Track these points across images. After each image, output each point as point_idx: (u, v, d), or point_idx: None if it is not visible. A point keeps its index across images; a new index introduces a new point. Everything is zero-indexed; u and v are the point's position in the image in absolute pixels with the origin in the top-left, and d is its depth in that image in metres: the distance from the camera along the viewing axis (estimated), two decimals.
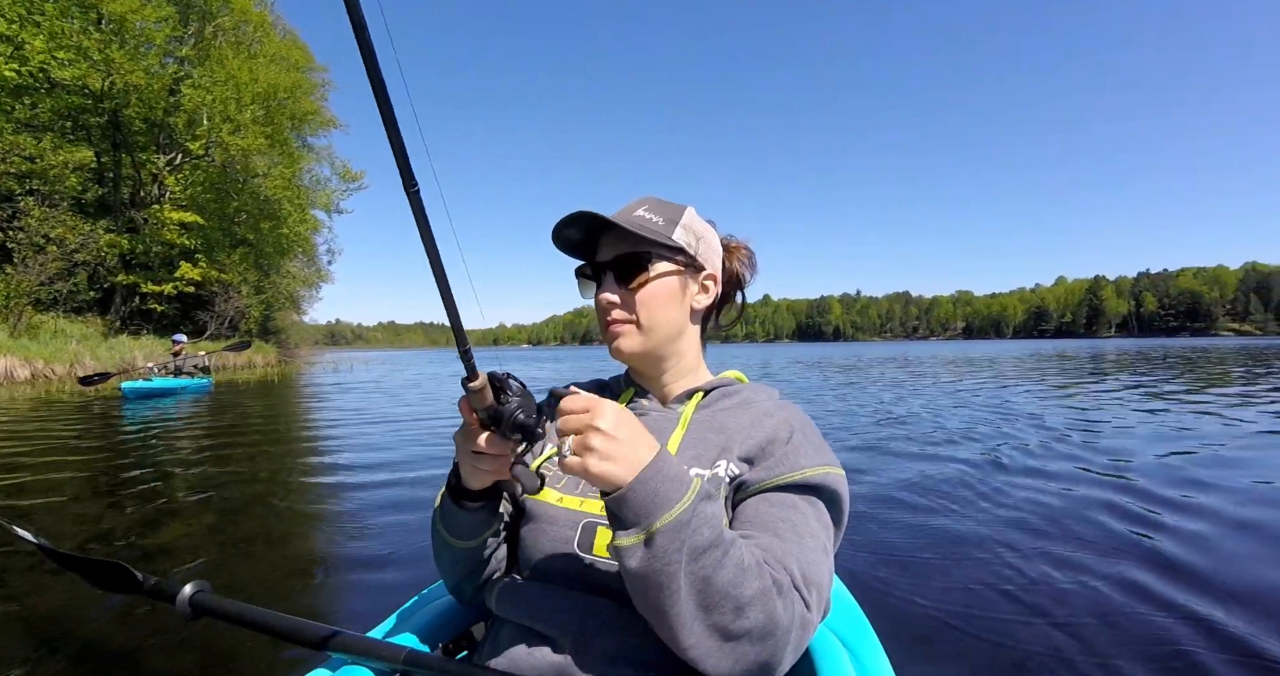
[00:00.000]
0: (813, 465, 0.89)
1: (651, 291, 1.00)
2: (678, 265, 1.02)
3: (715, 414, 1.02)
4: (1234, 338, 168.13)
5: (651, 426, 0.99)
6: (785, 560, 0.78)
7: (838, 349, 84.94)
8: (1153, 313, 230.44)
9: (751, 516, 0.86)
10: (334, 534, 3.45)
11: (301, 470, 5.30)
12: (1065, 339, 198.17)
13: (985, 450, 5.58)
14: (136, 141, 25.99)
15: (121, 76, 21.54)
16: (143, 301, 25.70)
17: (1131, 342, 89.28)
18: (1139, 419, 7.64)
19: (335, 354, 58.27)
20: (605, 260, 1.02)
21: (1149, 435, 6.39)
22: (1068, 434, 6.42)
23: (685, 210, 1.06)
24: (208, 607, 1.06)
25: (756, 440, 0.94)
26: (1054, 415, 7.99)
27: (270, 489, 4.51)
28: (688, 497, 0.71)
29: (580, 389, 1.09)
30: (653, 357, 1.05)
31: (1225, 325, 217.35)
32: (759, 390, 1.08)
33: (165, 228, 25.02)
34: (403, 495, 4.24)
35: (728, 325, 1.19)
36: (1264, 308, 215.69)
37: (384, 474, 4.95)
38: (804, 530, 0.83)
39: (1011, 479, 4.47)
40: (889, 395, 11.46)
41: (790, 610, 0.73)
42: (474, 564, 1.01)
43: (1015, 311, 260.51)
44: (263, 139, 26.75)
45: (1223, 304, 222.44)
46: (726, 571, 0.70)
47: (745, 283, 1.17)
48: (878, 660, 1.04)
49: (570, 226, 1.01)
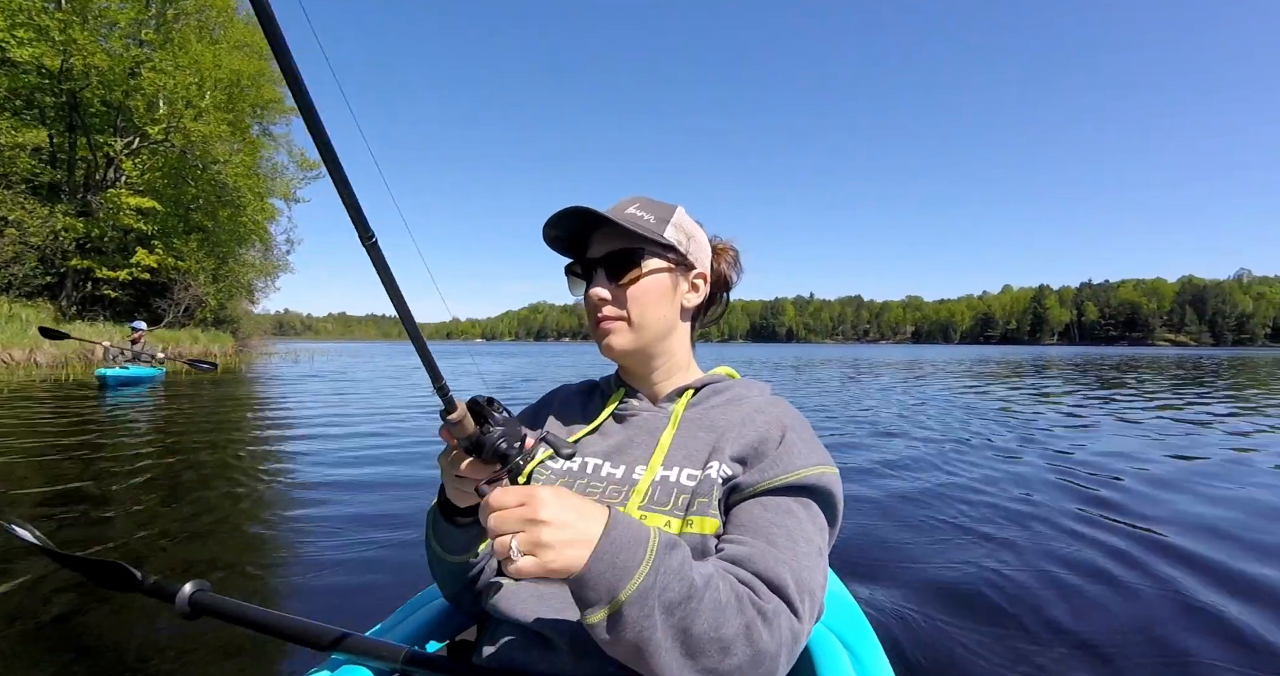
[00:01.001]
0: (806, 465, 0.89)
1: (643, 288, 1.01)
2: (669, 263, 1.03)
3: (706, 411, 1.03)
4: (1170, 347, 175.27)
5: (642, 425, 1.04)
6: (778, 568, 0.78)
7: (790, 350, 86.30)
8: (1094, 321, 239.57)
9: (745, 521, 0.86)
10: (333, 533, 3.40)
11: (295, 470, 5.16)
12: (1010, 345, 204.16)
13: (976, 448, 5.87)
14: (93, 124, 25.44)
15: (83, 57, 21.12)
16: (96, 287, 25.16)
17: (1073, 350, 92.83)
18: (1130, 427, 7.97)
19: (287, 344, 56.98)
20: (596, 256, 1.02)
21: (1142, 438, 6.84)
22: (1053, 438, 6.80)
23: (676, 209, 1.06)
24: (207, 607, 1.05)
25: (748, 439, 0.93)
26: (1045, 420, 8.46)
27: (266, 486, 4.49)
28: (648, 558, 0.68)
29: (572, 390, 1.18)
30: (643, 355, 1.05)
31: (1162, 335, 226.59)
32: (750, 386, 1.08)
33: (121, 212, 24.51)
34: (402, 495, 4.22)
35: (709, 323, 1.19)
36: (1199, 319, 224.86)
37: (383, 473, 4.95)
38: (798, 534, 0.83)
39: (1008, 479, 4.67)
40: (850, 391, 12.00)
41: (777, 635, 0.73)
42: (469, 576, 1.02)
43: (963, 317, 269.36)
44: (225, 126, 26.37)
45: (1160, 315, 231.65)
46: (704, 618, 0.69)
47: (732, 283, 1.18)
48: (878, 660, 1.05)
49: (561, 223, 1.01)
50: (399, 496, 4.17)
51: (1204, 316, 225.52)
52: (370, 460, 5.48)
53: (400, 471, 5.00)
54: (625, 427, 1.05)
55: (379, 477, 4.76)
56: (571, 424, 1.11)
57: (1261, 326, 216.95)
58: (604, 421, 1.08)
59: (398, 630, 1.09)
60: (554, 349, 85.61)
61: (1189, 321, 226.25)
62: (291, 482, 4.63)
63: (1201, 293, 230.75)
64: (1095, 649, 2.16)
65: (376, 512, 3.77)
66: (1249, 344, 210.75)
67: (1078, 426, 7.87)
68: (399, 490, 4.36)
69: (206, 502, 3.99)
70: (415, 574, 2.71)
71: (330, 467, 5.16)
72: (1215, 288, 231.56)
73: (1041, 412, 9.32)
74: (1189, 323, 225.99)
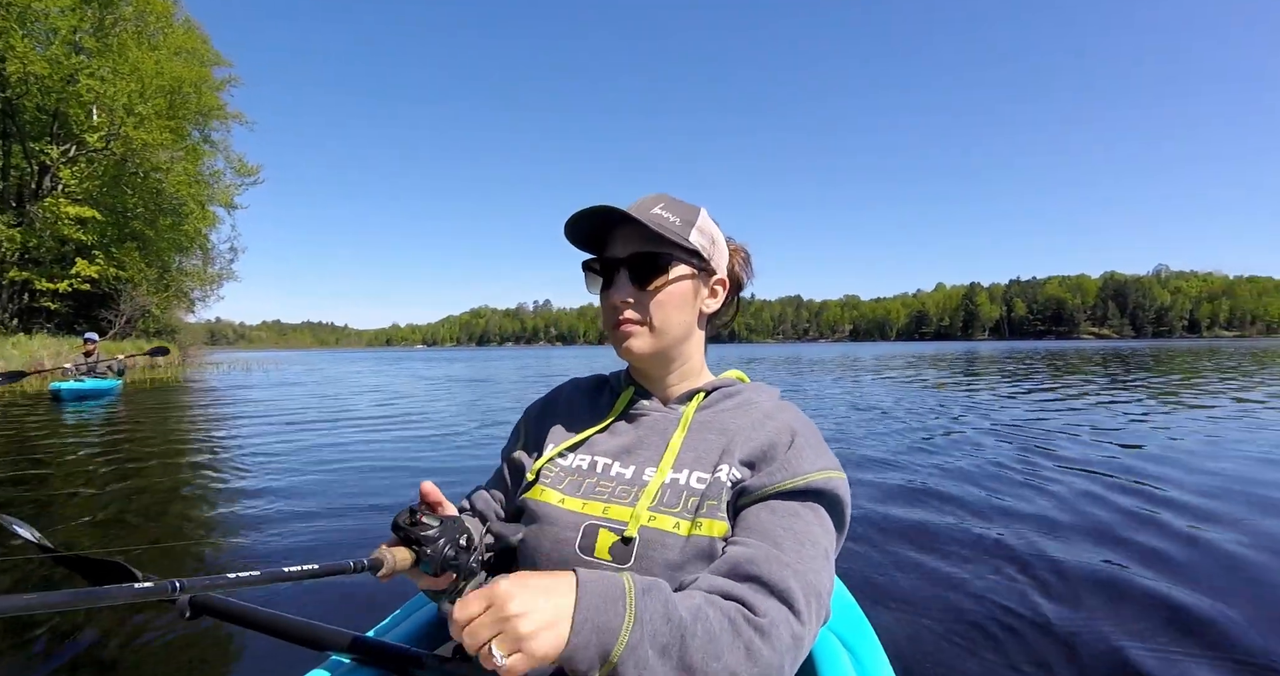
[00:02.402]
0: (815, 470, 0.89)
1: (668, 294, 1.00)
2: (693, 268, 1.02)
3: (716, 414, 1.03)
4: (1095, 340, 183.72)
5: (652, 426, 1.04)
6: (782, 572, 0.78)
7: (734, 350, 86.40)
8: (1022, 317, 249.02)
9: (753, 524, 0.87)
10: (333, 533, 3.48)
11: (296, 468, 5.29)
12: (943, 341, 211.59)
13: (969, 452, 5.91)
14: (29, 131, 24.86)
15: (21, 65, 20.73)
16: (33, 299, 24.58)
17: (1004, 345, 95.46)
18: (1123, 420, 8.34)
19: (225, 354, 55.31)
20: (620, 257, 1.01)
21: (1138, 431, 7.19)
22: (1050, 438, 6.78)
23: (700, 211, 1.05)
24: (207, 607, 1.05)
25: (758, 443, 0.94)
26: (1033, 417, 8.69)
27: (264, 485, 4.60)
28: (629, 612, 0.67)
29: (581, 385, 1.18)
30: (661, 359, 1.05)
31: (1086, 329, 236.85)
32: (760, 390, 1.08)
33: (60, 222, 24.00)
34: (402, 495, 4.28)
35: (722, 326, 1.19)
36: (1120, 313, 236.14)
37: (383, 472, 5.12)
38: (805, 538, 0.84)
39: (1001, 477, 4.77)
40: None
41: (779, 646, 0.73)
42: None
43: (898, 315, 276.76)
44: (167, 133, 26.03)
45: (1084, 309, 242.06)
46: (700, 651, 0.68)
47: (743, 285, 1.17)
48: (878, 660, 1.05)
49: (586, 219, 0.99)
50: (398, 496, 4.31)
51: (1125, 310, 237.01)
52: (369, 459, 5.68)
53: (400, 470, 5.23)
54: (635, 427, 1.05)
55: (378, 477, 4.96)
56: (579, 420, 1.11)
57: (1178, 319, 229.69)
58: (614, 420, 1.09)
59: (398, 630, 1.10)
60: (499, 354, 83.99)
61: (1111, 315, 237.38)
62: (291, 482, 4.77)
63: (1123, 288, 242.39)
64: (1096, 649, 2.18)
65: (376, 513, 3.89)
66: (1167, 336, 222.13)
67: (1076, 421, 8.22)
68: (399, 489, 4.51)
69: (207, 501, 4.15)
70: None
71: (331, 466, 5.36)
72: (1136, 283, 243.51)
73: (1011, 405, 9.94)
74: (1111, 316, 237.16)
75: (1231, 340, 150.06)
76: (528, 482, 1.04)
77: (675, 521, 0.90)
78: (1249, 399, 10.40)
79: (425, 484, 0.92)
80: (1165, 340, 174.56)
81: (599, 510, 0.95)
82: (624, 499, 0.95)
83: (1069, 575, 2.82)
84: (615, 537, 0.91)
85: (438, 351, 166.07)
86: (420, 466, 5.52)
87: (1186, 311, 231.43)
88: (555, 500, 0.98)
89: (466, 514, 1.13)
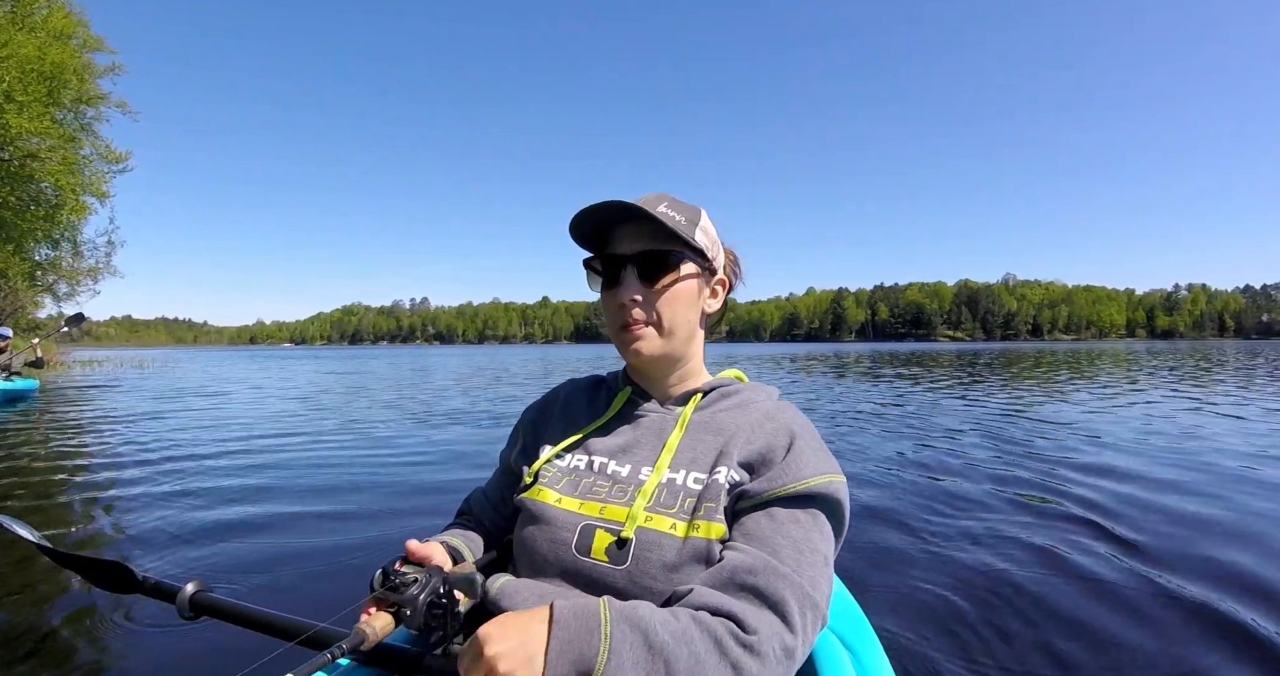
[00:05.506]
0: (814, 474, 0.88)
1: (675, 293, 1.00)
2: (698, 268, 1.03)
3: (714, 415, 1.03)
4: (950, 343, 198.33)
5: (650, 426, 1.05)
6: (777, 582, 0.78)
7: (611, 349, 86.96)
8: (885, 320, 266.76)
9: (752, 530, 0.86)
10: (333, 533, 3.49)
11: (296, 471, 5.22)
12: (814, 343, 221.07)
13: (953, 450, 5.99)
14: None
15: None
16: None
17: (868, 346, 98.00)
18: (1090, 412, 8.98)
19: (79, 352, 50.81)
20: (628, 254, 1.00)
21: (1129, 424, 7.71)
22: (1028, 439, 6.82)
23: (701, 212, 1.06)
24: (207, 606, 1.05)
25: (756, 446, 0.94)
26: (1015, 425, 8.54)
27: (263, 486, 4.59)
28: (604, 640, 0.67)
29: (579, 385, 1.23)
30: (667, 361, 1.05)
31: (942, 332, 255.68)
32: (758, 390, 1.08)
33: None
34: (403, 496, 4.35)
35: (713, 327, 1.18)
36: (973, 317, 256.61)
37: (382, 473, 5.12)
38: (804, 545, 0.83)
39: (994, 477, 4.76)
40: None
41: (769, 661, 0.72)
42: None
43: (772, 318, 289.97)
44: (49, 121, 24.82)
45: (941, 314, 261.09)
46: (680, 674, 0.68)
47: (733, 287, 1.17)
48: (878, 660, 1.05)
49: (592, 215, 0.99)
50: (399, 497, 4.35)
51: (977, 315, 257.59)
52: (366, 460, 5.70)
53: (397, 470, 5.28)
54: (633, 427, 1.06)
55: (377, 478, 4.98)
56: (577, 420, 1.12)
57: (1024, 323, 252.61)
58: (610, 419, 1.09)
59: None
60: (371, 352, 79.03)
61: (965, 319, 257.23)
62: (293, 483, 4.77)
63: (975, 294, 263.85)
64: (1097, 649, 2.17)
65: (377, 512, 3.92)
66: (1014, 338, 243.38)
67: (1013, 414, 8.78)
68: (399, 490, 4.56)
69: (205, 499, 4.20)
70: None
71: (328, 470, 5.31)
72: (986, 290, 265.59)
73: (1010, 405, 10.22)
74: (965, 321, 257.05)
75: (1070, 343, 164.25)
76: (526, 484, 1.04)
77: (672, 522, 0.90)
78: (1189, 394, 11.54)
79: (410, 543, 0.95)
80: (1012, 342, 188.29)
81: (596, 510, 0.95)
82: (620, 498, 0.95)
83: (1070, 575, 2.82)
84: (612, 538, 0.90)
85: (305, 350, 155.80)
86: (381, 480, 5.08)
87: (1031, 316, 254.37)
88: (552, 499, 0.98)
89: (464, 518, 1.19)
